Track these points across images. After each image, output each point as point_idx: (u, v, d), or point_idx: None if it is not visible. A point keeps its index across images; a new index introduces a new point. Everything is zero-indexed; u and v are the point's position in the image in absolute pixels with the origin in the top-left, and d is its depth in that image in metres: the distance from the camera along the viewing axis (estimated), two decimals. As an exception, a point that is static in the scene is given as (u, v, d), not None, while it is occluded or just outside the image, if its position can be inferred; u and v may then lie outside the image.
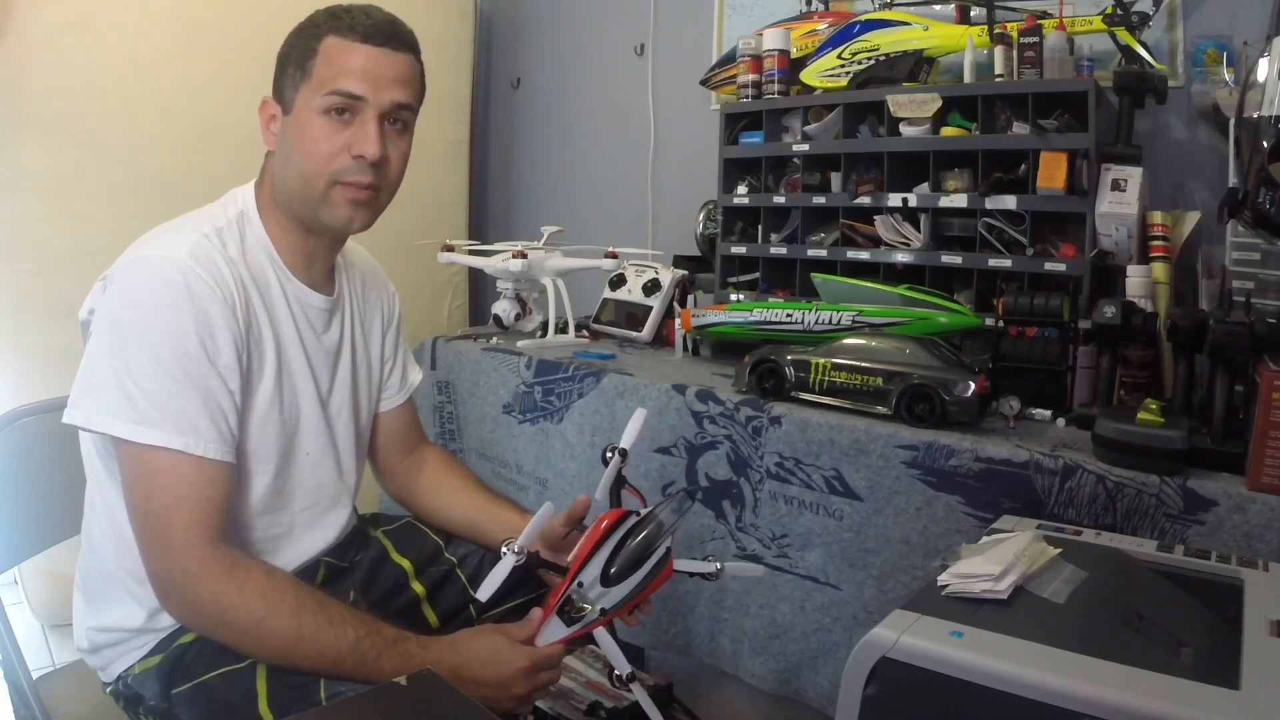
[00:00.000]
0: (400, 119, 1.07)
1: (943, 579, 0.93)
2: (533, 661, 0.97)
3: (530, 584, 1.19)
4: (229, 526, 0.99)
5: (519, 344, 2.03)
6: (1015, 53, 1.68)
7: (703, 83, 2.26)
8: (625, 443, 1.07)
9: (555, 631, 0.99)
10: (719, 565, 1.08)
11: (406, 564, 1.26)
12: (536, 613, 1.01)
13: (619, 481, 1.07)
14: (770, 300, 1.91)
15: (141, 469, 0.94)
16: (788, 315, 1.74)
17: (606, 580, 0.98)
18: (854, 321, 1.65)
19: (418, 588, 1.24)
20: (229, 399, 0.99)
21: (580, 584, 0.98)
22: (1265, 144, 1.25)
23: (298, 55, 1.04)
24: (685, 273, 2.19)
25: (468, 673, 0.95)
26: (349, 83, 1.01)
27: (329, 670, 0.94)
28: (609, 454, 1.06)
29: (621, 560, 0.99)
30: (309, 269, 1.13)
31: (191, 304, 0.96)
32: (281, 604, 0.95)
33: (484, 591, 0.94)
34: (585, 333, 2.22)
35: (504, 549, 0.95)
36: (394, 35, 1.05)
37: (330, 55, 1.02)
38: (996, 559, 0.93)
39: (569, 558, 1.02)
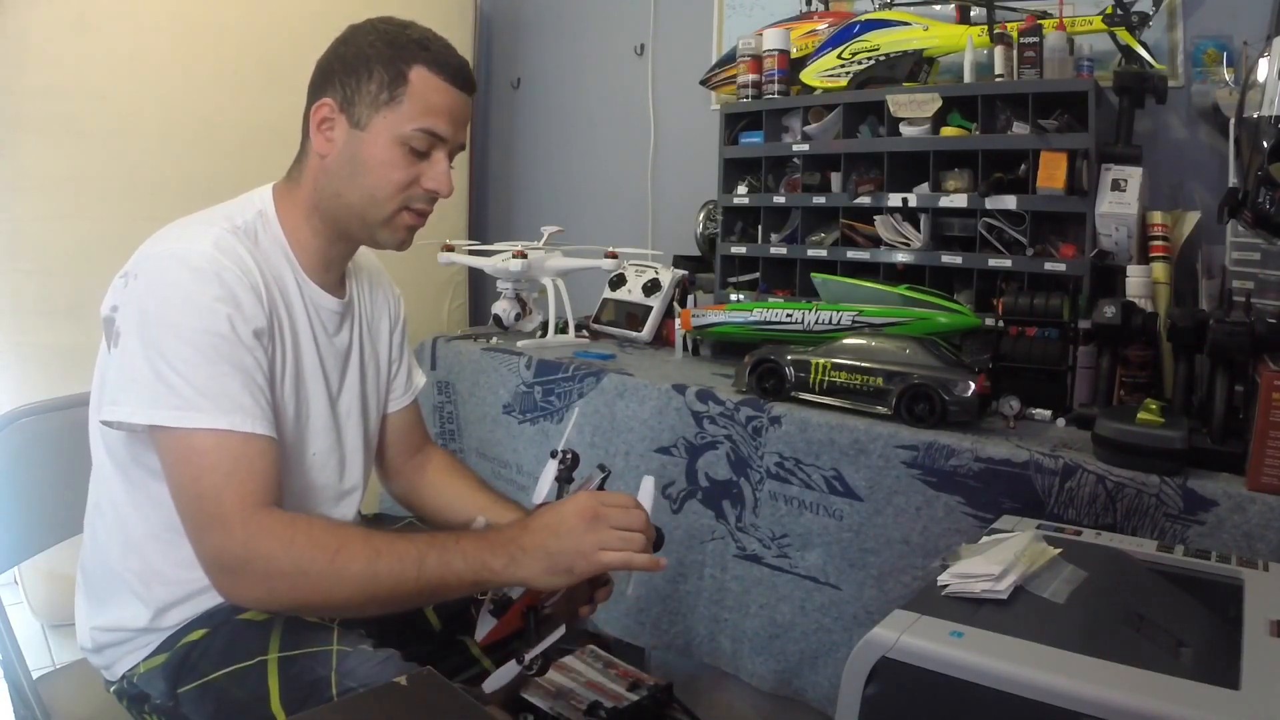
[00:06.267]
0: (455, 156, 1.11)
1: (943, 579, 0.93)
2: (596, 504, 0.96)
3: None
4: (281, 498, 0.98)
5: (519, 344, 2.03)
6: (1015, 53, 1.68)
7: (703, 83, 2.26)
8: (561, 444, 1.11)
9: (485, 623, 1.04)
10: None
11: None
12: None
13: (566, 480, 1.09)
14: (770, 300, 1.91)
15: (186, 453, 0.93)
16: (788, 315, 1.74)
17: None
18: (854, 321, 1.65)
19: (419, 588, 1.24)
20: (264, 376, 0.99)
21: None
22: (1265, 144, 1.25)
23: (384, 75, 1.03)
24: (685, 273, 2.19)
25: (540, 538, 0.95)
26: (439, 124, 1.04)
27: (413, 581, 0.92)
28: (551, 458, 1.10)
29: None
30: (327, 273, 1.13)
31: (221, 288, 0.96)
32: (352, 533, 0.95)
33: None
34: (585, 333, 2.22)
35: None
36: (471, 80, 1.08)
37: (423, 91, 1.03)
38: (996, 559, 0.93)
39: None
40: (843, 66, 1.90)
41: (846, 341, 1.55)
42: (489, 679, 1.03)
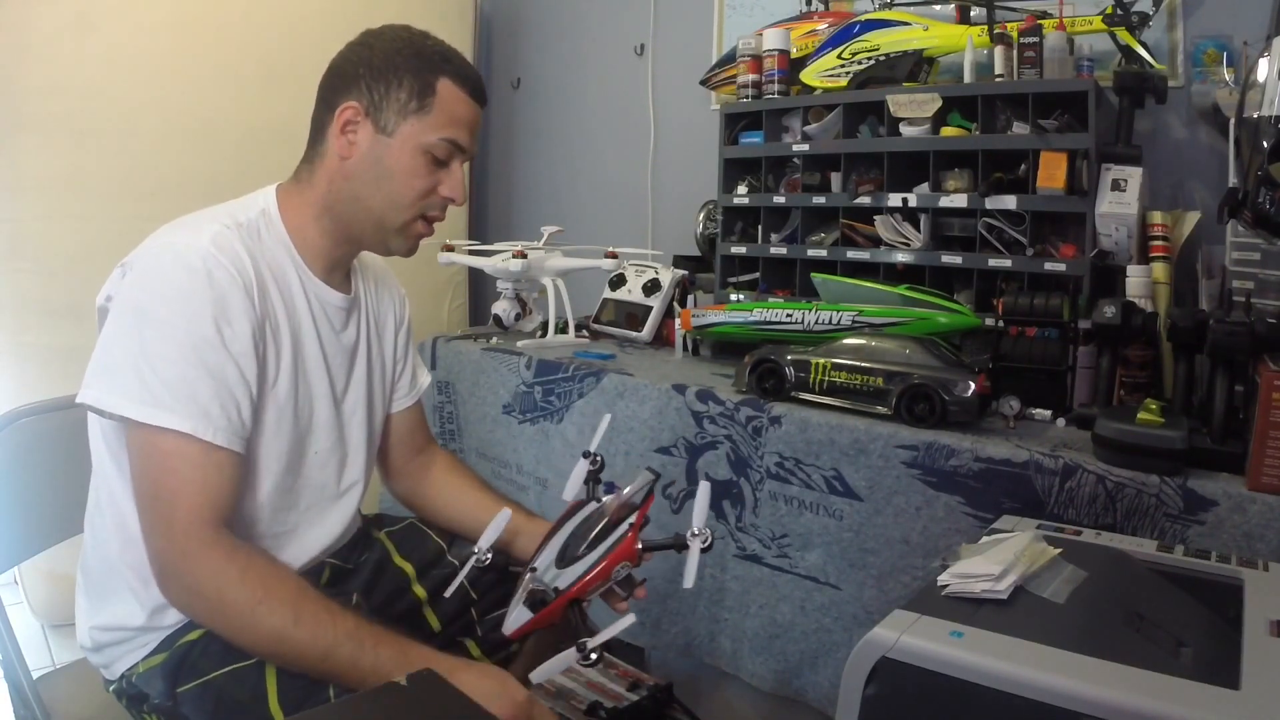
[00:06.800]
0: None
1: (943, 579, 0.93)
2: (524, 715, 0.93)
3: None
4: (233, 515, 0.99)
5: (519, 344, 2.03)
6: (1015, 53, 1.68)
7: (703, 83, 2.26)
8: (593, 446, 1.10)
9: (520, 617, 1.01)
10: (693, 530, 1.00)
11: (409, 567, 1.25)
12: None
13: (594, 481, 1.09)
14: (770, 300, 1.91)
15: (150, 451, 0.94)
16: (788, 315, 1.74)
17: (562, 563, 1.00)
18: (854, 321, 1.65)
19: (419, 591, 1.24)
20: (244, 388, 0.99)
21: (534, 569, 1.00)
22: (1265, 144, 1.25)
23: (414, 85, 1.05)
24: (685, 273, 2.19)
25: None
26: (462, 135, 1.09)
27: (318, 663, 0.92)
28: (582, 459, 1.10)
29: (575, 543, 1.01)
30: (331, 272, 1.14)
31: (211, 290, 0.96)
32: (281, 589, 0.94)
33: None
34: (585, 333, 2.22)
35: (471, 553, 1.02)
36: (485, 94, 1.13)
37: (449, 102, 1.07)
38: (996, 559, 0.93)
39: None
40: (843, 66, 1.90)
41: (846, 341, 1.55)
42: (539, 669, 0.97)
